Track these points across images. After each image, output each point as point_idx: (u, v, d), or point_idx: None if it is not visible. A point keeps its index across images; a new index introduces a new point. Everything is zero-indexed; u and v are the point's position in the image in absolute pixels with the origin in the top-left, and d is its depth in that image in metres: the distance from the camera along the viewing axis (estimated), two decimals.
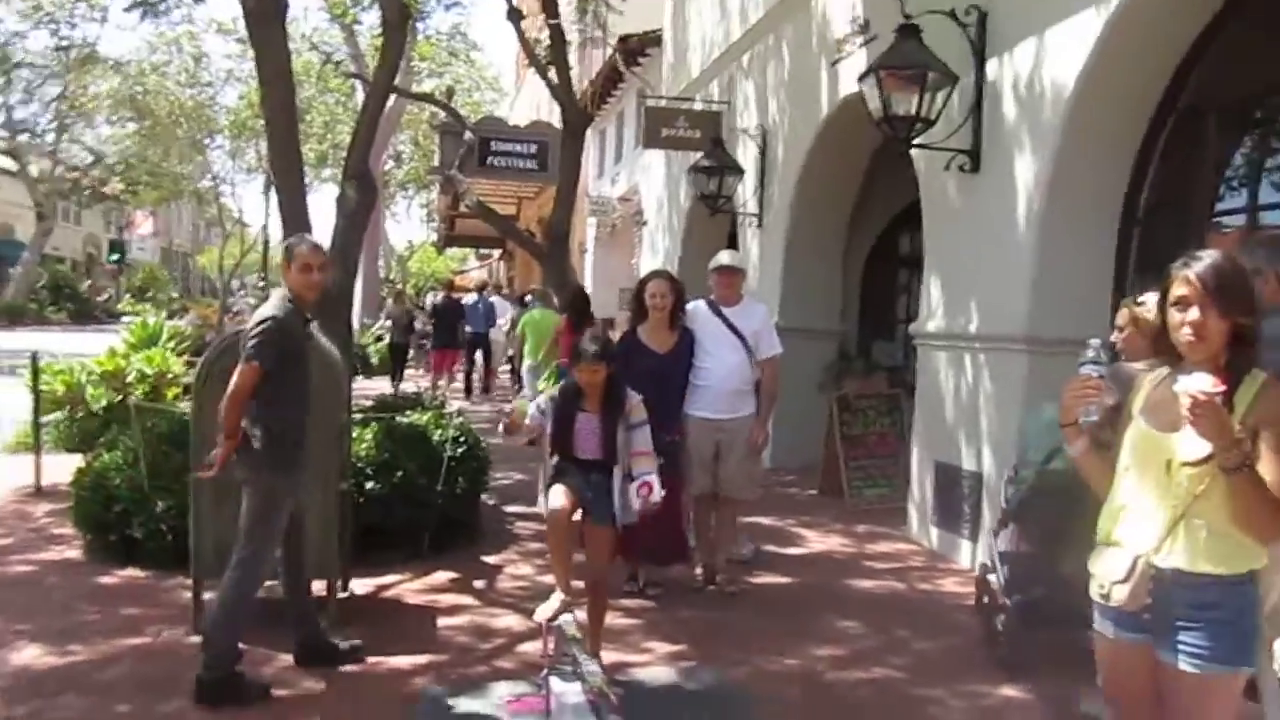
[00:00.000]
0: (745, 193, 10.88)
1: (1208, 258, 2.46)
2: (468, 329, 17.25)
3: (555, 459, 4.75)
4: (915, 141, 6.62)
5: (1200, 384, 2.30)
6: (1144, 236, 6.16)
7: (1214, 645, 2.42)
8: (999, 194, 6.43)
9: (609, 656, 4.71)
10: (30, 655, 4.53)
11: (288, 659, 4.52)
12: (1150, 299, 3.98)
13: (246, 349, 4.14)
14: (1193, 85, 5.88)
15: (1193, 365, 2.46)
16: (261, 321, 4.23)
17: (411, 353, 20.13)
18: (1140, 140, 6.10)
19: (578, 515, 4.47)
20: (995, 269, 6.44)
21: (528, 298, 15.33)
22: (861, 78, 6.62)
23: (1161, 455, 2.49)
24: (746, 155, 10.87)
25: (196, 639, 4.73)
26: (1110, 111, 5.92)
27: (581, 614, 4.78)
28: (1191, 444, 2.39)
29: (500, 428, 4.67)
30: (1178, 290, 2.47)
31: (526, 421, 4.64)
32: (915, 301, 8.74)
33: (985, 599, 5.01)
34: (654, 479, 4.57)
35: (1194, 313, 2.44)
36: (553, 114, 13.43)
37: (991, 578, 4.89)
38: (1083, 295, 6.01)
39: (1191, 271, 2.45)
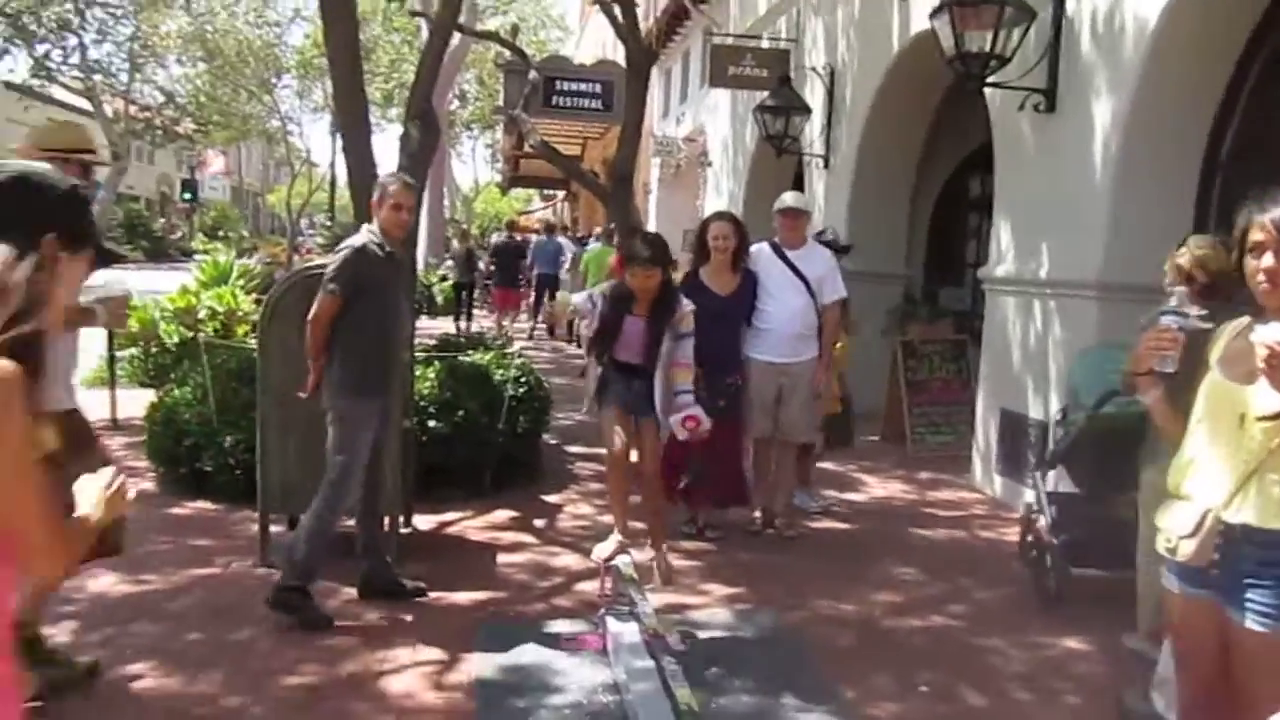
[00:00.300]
0: (812, 133, 10.69)
1: None
2: (536, 270, 17.40)
3: (598, 367, 4.85)
4: (988, 80, 6.43)
5: (1276, 334, 2.21)
6: (1226, 183, 5.93)
7: None
8: (1075, 135, 6.23)
9: (667, 598, 4.74)
10: (106, 583, 4.68)
11: (351, 592, 4.62)
12: (1192, 243, 3.90)
13: (326, 278, 4.36)
14: None
15: (1271, 315, 2.36)
16: (342, 252, 4.44)
17: (477, 293, 20.37)
18: (1225, 81, 5.85)
19: (634, 455, 4.53)
20: (1068, 213, 6.26)
21: (590, 237, 15.49)
22: (934, 14, 6.42)
23: (1235, 408, 2.40)
24: (814, 95, 10.66)
25: (264, 570, 4.89)
26: (1194, 50, 5.68)
27: (639, 554, 4.83)
28: (1267, 397, 2.30)
29: (541, 318, 4.86)
30: (1254, 235, 2.36)
31: (571, 308, 4.79)
32: (984, 246, 8.55)
33: (1030, 538, 5.04)
34: (698, 410, 4.69)
35: (1269, 259, 2.33)
36: (618, 53, 13.26)
37: (1038, 518, 4.92)
38: (1159, 243, 5.71)
39: (1268, 216, 2.34)
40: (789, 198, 6.07)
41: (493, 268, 18.46)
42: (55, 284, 1.68)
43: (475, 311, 18.74)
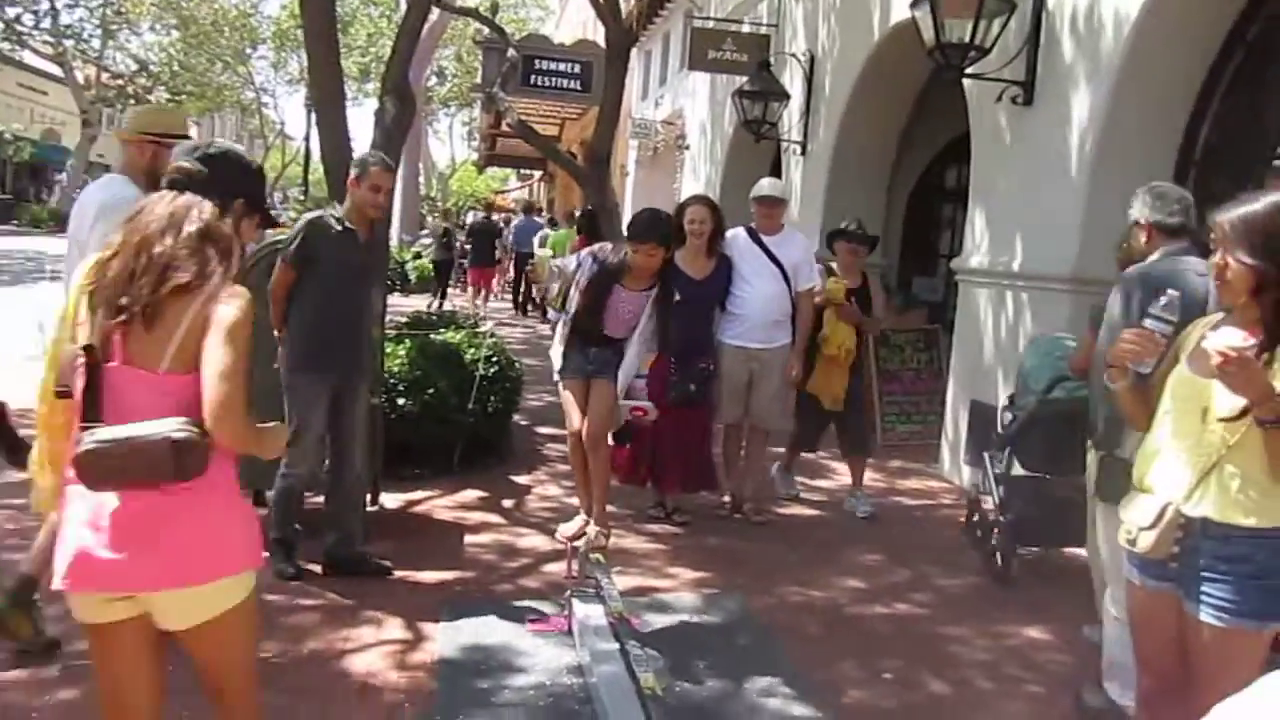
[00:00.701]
0: (790, 120, 10.67)
1: (1243, 202, 2.41)
2: (516, 248, 17.59)
3: (564, 339, 4.99)
4: (967, 71, 6.43)
5: (1229, 339, 2.24)
6: (1200, 178, 5.96)
7: (1239, 599, 2.36)
8: (1052, 128, 6.25)
9: (633, 581, 4.74)
10: None
11: (316, 569, 4.59)
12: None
13: (281, 248, 4.52)
14: (1262, 19, 5.64)
15: (1238, 314, 2.40)
16: (298, 223, 4.59)
17: (453, 272, 20.32)
18: (1202, 77, 5.88)
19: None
20: (1044, 206, 6.28)
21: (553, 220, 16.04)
22: (914, 3, 6.41)
23: (1199, 401, 2.42)
24: (793, 81, 10.64)
25: None
26: (1172, 45, 5.71)
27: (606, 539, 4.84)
28: (1226, 398, 2.32)
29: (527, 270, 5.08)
30: (1214, 233, 2.45)
31: (554, 267, 5.00)
32: (959, 237, 8.57)
33: (975, 517, 5.32)
34: (648, 404, 4.92)
35: (1218, 255, 2.42)
36: (598, 33, 13.18)
37: (985, 498, 5.19)
38: None
39: (1221, 214, 2.42)
40: (766, 185, 6.05)
41: (468, 247, 18.52)
42: (239, 238, 2.34)
43: (450, 290, 18.72)
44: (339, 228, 4.48)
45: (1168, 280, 3.08)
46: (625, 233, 5.16)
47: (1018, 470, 5.07)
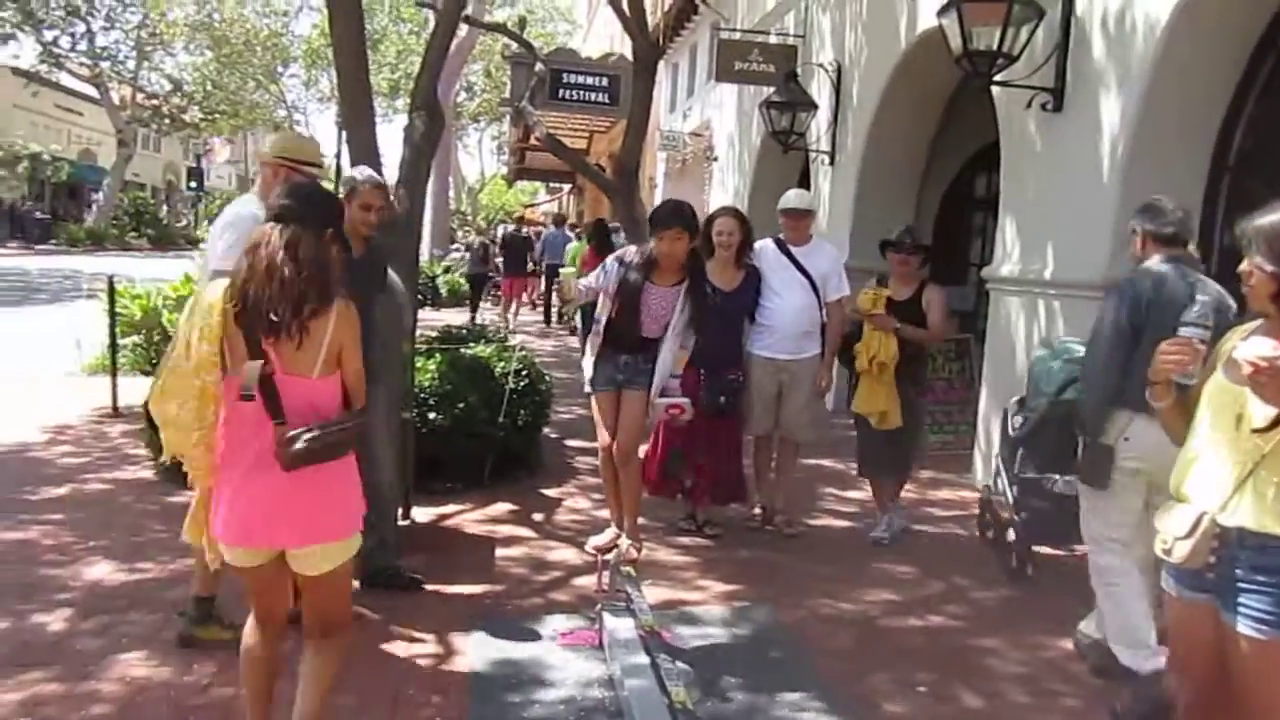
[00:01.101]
0: (818, 130, 10.64)
1: (1271, 209, 2.41)
2: (546, 260, 17.78)
3: (595, 348, 4.97)
4: (996, 79, 6.39)
5: (1259, 349, 2.21)
6: (1234, 183, 5.90)
7: (1277, 611, 2.32)
8: (1082, 135, 6.20)
9: (664, 594, 4.73)
10: (102, 571, 4.68)
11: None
12: None
13: None
14: None
15: (1270, 323, 2.40)
16: None
17: (487, 286, 20.52)
18: (1235, 81, 5.81)
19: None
20: (1075, 213, 6.23)
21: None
22: (941, 11, 6.39)
23: (1234, 409, 2.39)
24: (821, 91, 10.62)
25: None
26: (1204, 50, 5.65)
27: (637, 552, 4.83)
28: (1261, 405, 2.29)
29: (554, 295, 4.99)
30: (1241, 240, 2.46)
31: (582, 286, 4.93)
32: (989, 245, 8.50)
33: (988, 516, 5.66)
34: (685, 400, 4.87)
35: (1244, 262, 2.43)
36: (625, 46, 13.22)
37: (997, 498, 5.45)
38: None
39: (1247, 220, 2.44)
40: (793, 196, 6.03)
41: (499, 260, 18.75)
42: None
43: (483, 304, 18.89)
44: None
45: (1152, 282, 3.63)
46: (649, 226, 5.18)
47: (1029, 471, 5.10)
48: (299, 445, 2.66)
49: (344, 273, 4.55)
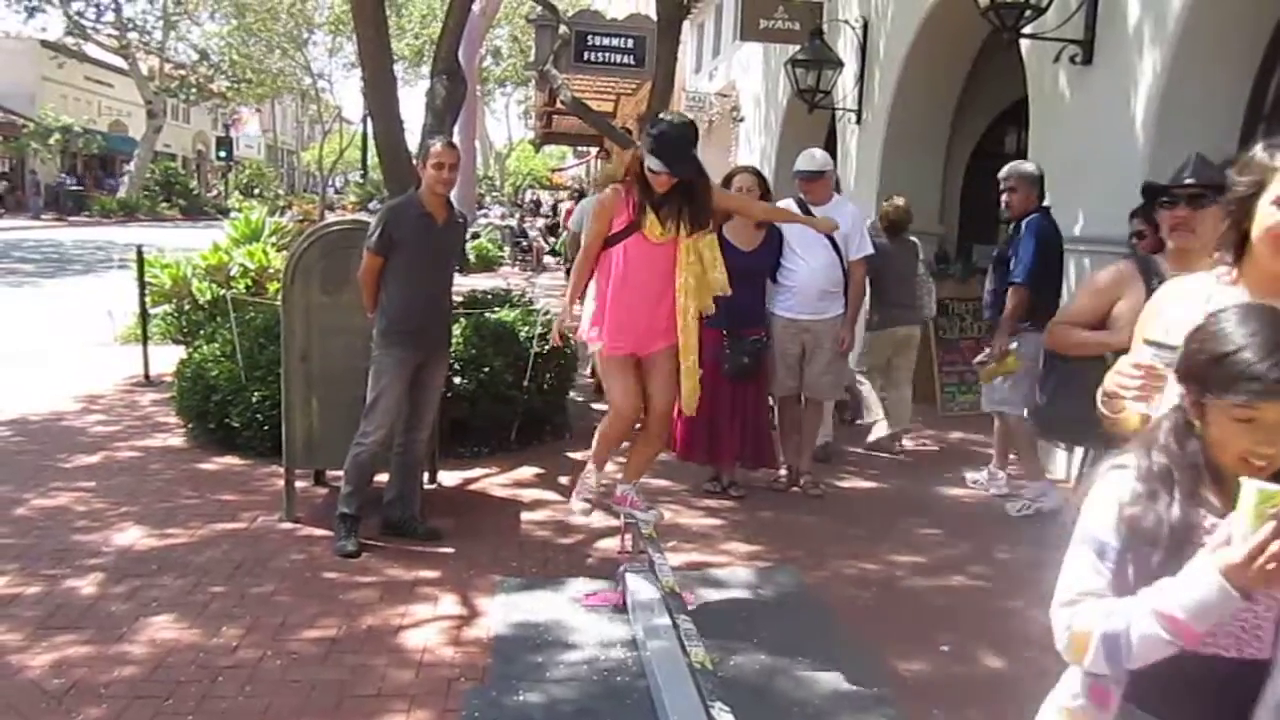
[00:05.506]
0: (845, 88, 10.50)
1: None
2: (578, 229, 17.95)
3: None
4: (1024, 31, 6.27)
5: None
6: (1268, 135, 5.75)
7: None
8: (1112, 88, 6.07)
9: (687, 556, 4.75)
10: (133, 536, 4.75)
11: (373, 546, 4.67)
12: None
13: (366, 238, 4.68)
14: None
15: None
16: (378, 211, 4.81)
17: (507, 250, 20.53)
18: (1270, 32, 5.66)
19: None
20: (1105, 169, 6.12)
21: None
22: None
23: None
24: (847, 48, 10.46)
25: (288, 526, 4.94)
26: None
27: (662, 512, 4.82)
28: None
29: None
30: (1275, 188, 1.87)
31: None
32: None
33: None
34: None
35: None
36: (650, 6, 13.09)
37: None
38: None
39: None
40: (804, 159, 5.94)
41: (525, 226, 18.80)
42: None
43: (507, 268, 19.00)
44: (416, 212, 4.67)
45: None
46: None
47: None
48: None
49: (430, 239, 4.66)
